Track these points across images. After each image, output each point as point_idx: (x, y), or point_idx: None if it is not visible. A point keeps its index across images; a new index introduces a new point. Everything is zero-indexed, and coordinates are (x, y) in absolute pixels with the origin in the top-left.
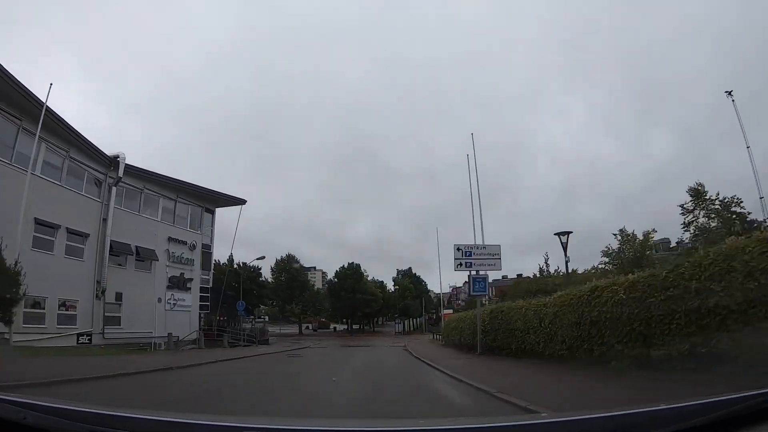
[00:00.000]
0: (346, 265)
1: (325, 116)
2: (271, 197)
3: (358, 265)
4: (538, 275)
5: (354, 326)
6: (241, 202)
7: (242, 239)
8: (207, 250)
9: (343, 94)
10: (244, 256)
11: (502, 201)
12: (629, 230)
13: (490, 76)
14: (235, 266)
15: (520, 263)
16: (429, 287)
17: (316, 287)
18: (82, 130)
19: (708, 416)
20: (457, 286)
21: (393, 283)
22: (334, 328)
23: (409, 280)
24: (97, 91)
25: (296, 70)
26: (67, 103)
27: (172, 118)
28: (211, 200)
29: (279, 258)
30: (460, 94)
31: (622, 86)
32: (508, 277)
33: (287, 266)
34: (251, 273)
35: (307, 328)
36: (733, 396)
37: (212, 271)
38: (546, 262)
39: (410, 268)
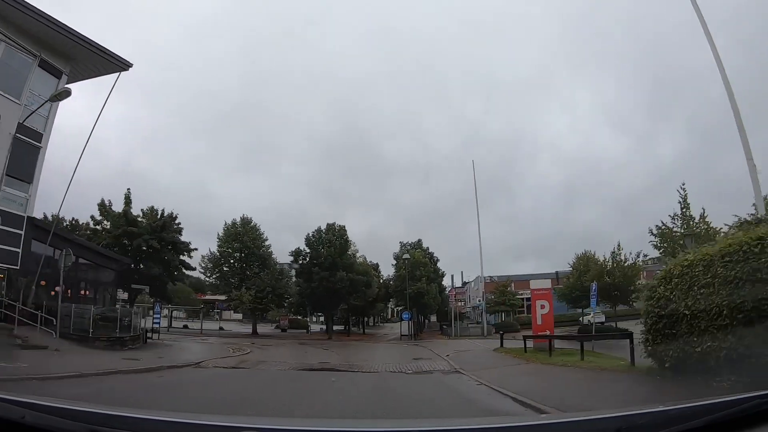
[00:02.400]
0: (323, 227)
1: (317, 101)
2: (258, 191)
3: (342, 228)
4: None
5: (336, 327)
6: (120, 65)
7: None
8: (31, 143)
9: (337, 77)
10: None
11: (499, 202)
12: None
13: (492, 65)
14: (143, 213)
15: (515, 269)
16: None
17: (278, 265)
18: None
19: (708, 417)
20: (457, 286)
21: (394, 261)
22: (307, 328)
23: (421, 254)
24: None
25: (286, 51)
26: None
27: (150, 100)
28: (57, 49)
29: (228, 223)
30: (460, 84)
31: (633, 78)
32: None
33: (239, 233)
34: (156, 220)
35: (276, 326)
36: (733, 397)
37: (37, 185)
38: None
39: (420, 241)
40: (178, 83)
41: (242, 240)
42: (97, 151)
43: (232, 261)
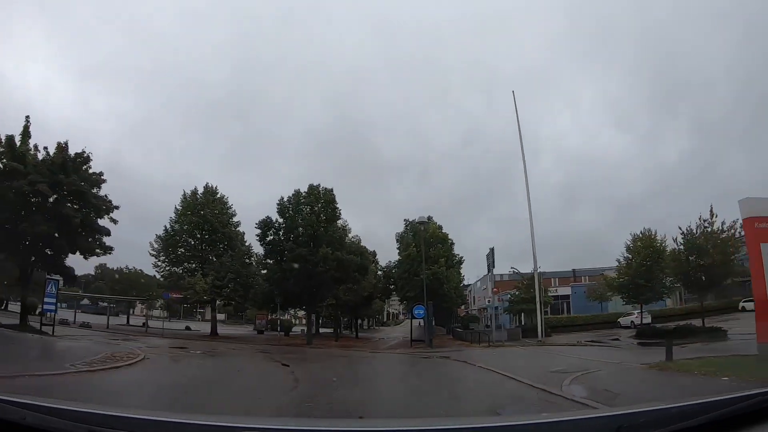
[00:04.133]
0: (302, 191)
1: (314, 94)
2: (250, 189)
3: (329, 191)
4: None
5: (324, 330)
6: None
7: None
8: None
9: (334, 70)
10: None
11: (498, 202)
12: None
13: (494, 60)
14: (47, 153)
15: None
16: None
17: (246, 245)
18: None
19: (708, 415)
20: (465, 284)
21: (398, 242)
22: (283, 329)
23: (436, 227)
24: (59, 55)
25: (282, 42)
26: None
27: (141, 91)
28: None
29: (188, 192)
30: (461, 78)
31: (636, 74)
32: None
33: (200, 204)
34: (53, 157)
35: (254, 327)
36: (733, 395)
37: None
38: None
39: (431, 217)
40: (171, 72)
41: (202, 214)
42: (84, 143)
43: (191, 241)
